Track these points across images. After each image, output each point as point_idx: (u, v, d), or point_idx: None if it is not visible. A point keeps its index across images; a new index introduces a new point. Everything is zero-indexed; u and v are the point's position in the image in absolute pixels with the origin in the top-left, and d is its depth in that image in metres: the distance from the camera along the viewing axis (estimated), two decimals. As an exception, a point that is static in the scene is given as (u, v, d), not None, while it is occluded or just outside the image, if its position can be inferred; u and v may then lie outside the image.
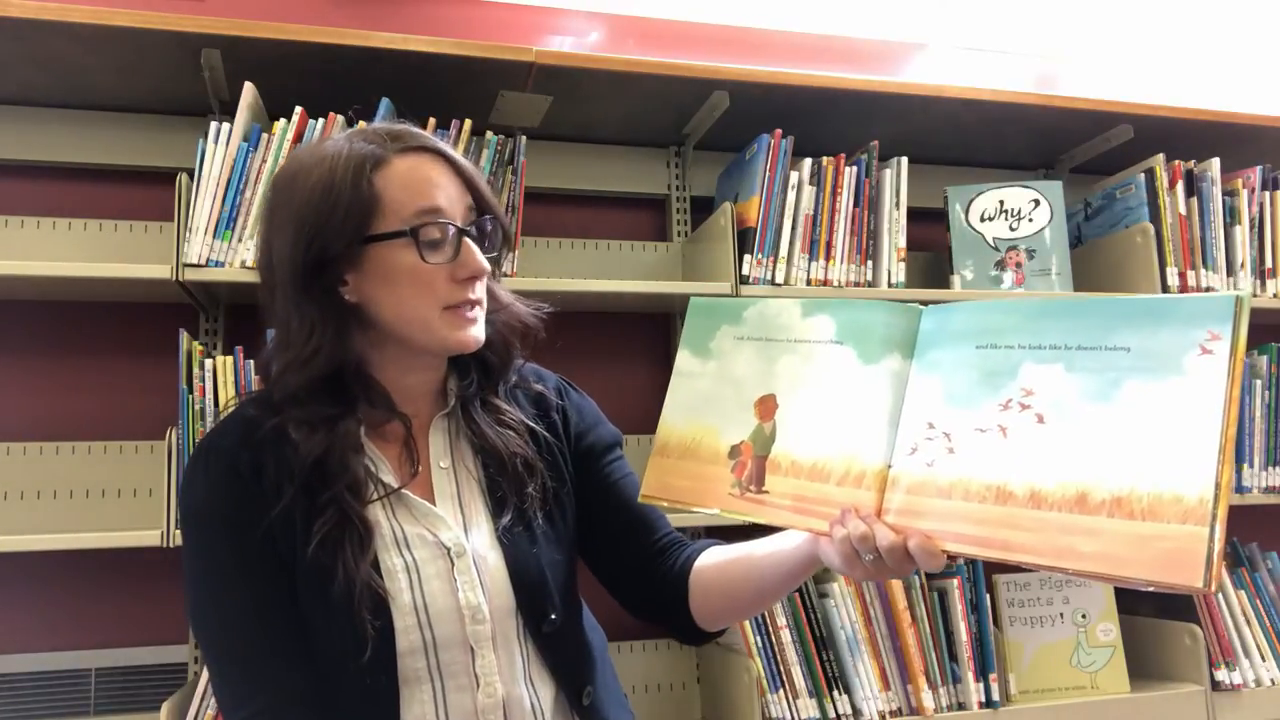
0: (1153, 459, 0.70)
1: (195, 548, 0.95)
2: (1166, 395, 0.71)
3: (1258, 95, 2.45)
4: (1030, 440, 0.77)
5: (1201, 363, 0.70)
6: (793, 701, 1.60)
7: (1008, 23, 2.35)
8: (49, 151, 1.70)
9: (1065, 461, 0.74)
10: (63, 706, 1.60)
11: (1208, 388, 0.69)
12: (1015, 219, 1.93)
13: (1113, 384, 0.74)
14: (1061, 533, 0.73)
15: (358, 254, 0.93)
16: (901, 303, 0.88)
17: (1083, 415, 0.75)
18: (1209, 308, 0.71)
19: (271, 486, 0.93)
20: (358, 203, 0.92)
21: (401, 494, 0.98)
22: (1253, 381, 1.94)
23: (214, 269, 1.48)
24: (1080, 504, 0.73)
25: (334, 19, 1.84)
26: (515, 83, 1.70)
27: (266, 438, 0.94)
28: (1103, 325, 0.76)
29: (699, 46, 2.09)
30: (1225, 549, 0.66)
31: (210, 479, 0.95)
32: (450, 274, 0.95)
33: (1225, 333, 0.70)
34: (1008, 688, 1.71)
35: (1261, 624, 1.85)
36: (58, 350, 1.69)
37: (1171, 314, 0.72)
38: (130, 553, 1.58)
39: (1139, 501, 0.70)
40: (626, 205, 2.02)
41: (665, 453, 0.97)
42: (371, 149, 0.94)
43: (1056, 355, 0.77)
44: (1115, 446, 0.72)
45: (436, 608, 0.94)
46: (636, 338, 1.96)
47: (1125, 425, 0.72)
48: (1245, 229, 1.96)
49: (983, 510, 0.77)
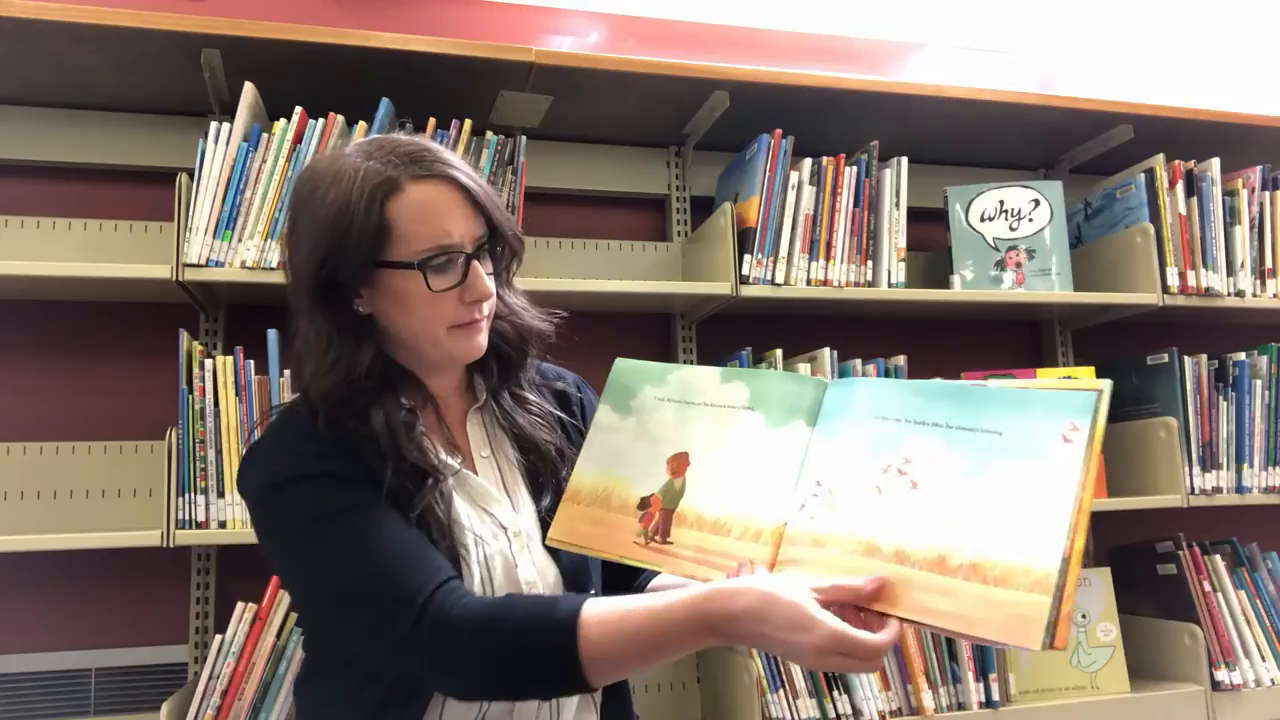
0: (1009, 531, 0.78)
1: (305, 504, 0.94)
2: (1028, 475, 0.79)
3: (1258, 95, 2.45)
4: (903, 503, 0.84)
5: (1061, 450, 0.78)
6: (793, 701, 1.60)
7: (1008, 23, 2.35)
8: (49, 151, 1.70)
9: (931, 526, 0.82)
10: (63, 706, 1.60)
11: (1064, 472, 0.77)
12: (1015, 219, 1.93)
13: (983, 461, 0.81)
14: (921, 590, 0.80)
15: (370, 275, 0.97)
16: (809, 377, 0.99)
17: (953, 486, 0.82)
18: (1072, 402, 0.78)
19: (367, 464, 0.95)
20: (369, 230, 0.94)
21: (462, 474, 1.02)
22: (1253, 382, 1.94)
23: (214, 269, 1.48)
24: (940, 565, 0.80)
25: (334, 19, 1.84)
26: (515, 83, 1.70)
27: (330, 424, 0.96)
28: (982, 410, 0.83)
29: (699, 46, 2.09)
30: (1071, 612, 0.73)
31: (305, 443, 0.96)
32: (458, 296, 0.98)
33: (1085, 424, 0.77)
34: (1008, 688, 1.71)
35: (1261, 624, 1.85)
36: (58, 350, 1.69)
37: (1040, 405, 0.80)
38: (130, 553, 1.58)
39: (993, 569, 0.77)
40: (626, 205, 2.02)
41: (576, 500, 1.01)
42: (387, 174, 0.96)
43: (938, 432, 0.85)
44: (977, 517, 0.80)
45: (499, 583, 0.98)
46: (636, 338, 1.96)
47: (989, 499, 0.80)
48: (1245, 229, 1.96)
49: (852, 562, 0.84)
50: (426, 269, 0.95)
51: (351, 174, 0.96)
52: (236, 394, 1.46)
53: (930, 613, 0.79)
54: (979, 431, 0.83)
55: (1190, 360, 1.93)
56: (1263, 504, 1.91)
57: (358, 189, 0.95)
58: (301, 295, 0.99)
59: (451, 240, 0.96)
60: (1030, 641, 0.73)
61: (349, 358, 0.97)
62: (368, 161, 0.97)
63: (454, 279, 0.97)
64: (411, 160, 0.97)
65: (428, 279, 0.95)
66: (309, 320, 0.99)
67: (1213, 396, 1.93)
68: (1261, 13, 2.56)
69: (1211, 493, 1.89)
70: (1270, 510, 2.00)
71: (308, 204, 0.98)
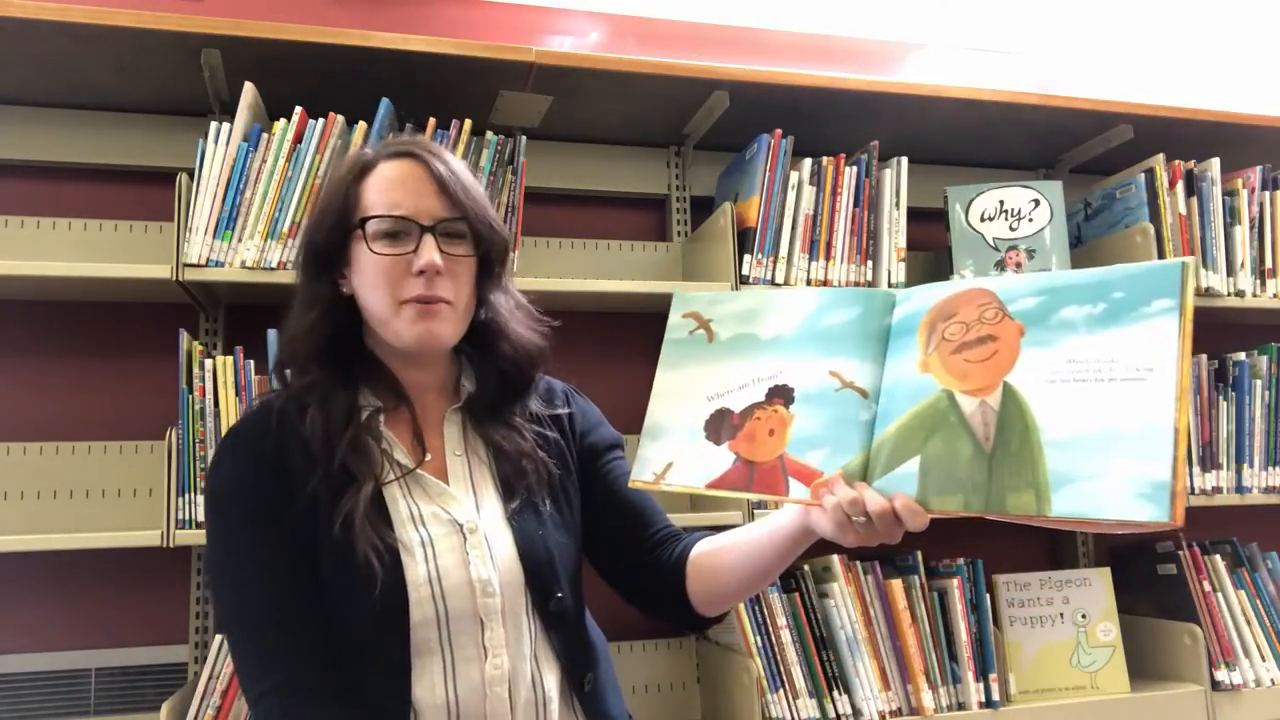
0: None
1: (220, 530, 1.01)
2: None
3: (1258, 95, 2.45)
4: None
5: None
6: (793, 701, 1.60)
7: (1008, 23, 2.35)
8: (49, 151, 1.70)
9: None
10: (63, 706, 1.60)
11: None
12: (1015, 219, 1.93)
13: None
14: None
15: (345, 250, 1.04)
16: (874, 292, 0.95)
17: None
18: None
19: (297, 463, 0.98)
20: (342, 204, 1.03)
21: (417, 474, 1.03)
22: (1253, 382, 1.94)
23: (214, 269, 1.48)
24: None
25: (334, 19, 1.84)
26: (515, 83, 1.70)
27: (285, 416, 1.02)
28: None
29: (699, 46, 2.09)
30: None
31: (237, 464, 1.01)
32: (406, 267, 1.00)
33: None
34: (1008, 688, 1.71)
35: (1261, 624, 1.85)
36: (58, 350, 1.69)
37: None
38: (130, 553, 1.58)
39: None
40: (626, 205, 2.02)
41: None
42: (368, 156, 1.06)
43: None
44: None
45: (450, 581, 0.99)
46: (636, 338, 1.95)
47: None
48: (1245, 229, 1.96)
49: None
50: (365, 229, 1.00)
51: (347, 160, 1.08)
52: (236, 394, 1.46)
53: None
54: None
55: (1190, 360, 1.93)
56: (1263, 504, 1.91)
57: (344, 170, 1.06)
58: (299, 274, 1.07)
59: (402, 210, 1.00)
60: (1157, 513, 0.72)
61: (326, 317, 1.03)
62: (363, 150, 1.09)
63: (402, 248, 1.00)
64: (390, 144, 1.07)
65: (367, 240, 1.00)
66: (301, 292, 1.06)
67: (1213, 396, 1.93)
68: (1261, 13, 2.56)
69: (1211, 493, 1.89)
70: (1270, 510, 2.00)
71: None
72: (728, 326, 1.00)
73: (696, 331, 1.02)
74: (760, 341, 0.97)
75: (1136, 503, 0.73)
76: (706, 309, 1.02)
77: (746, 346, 0.97)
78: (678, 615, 1.11)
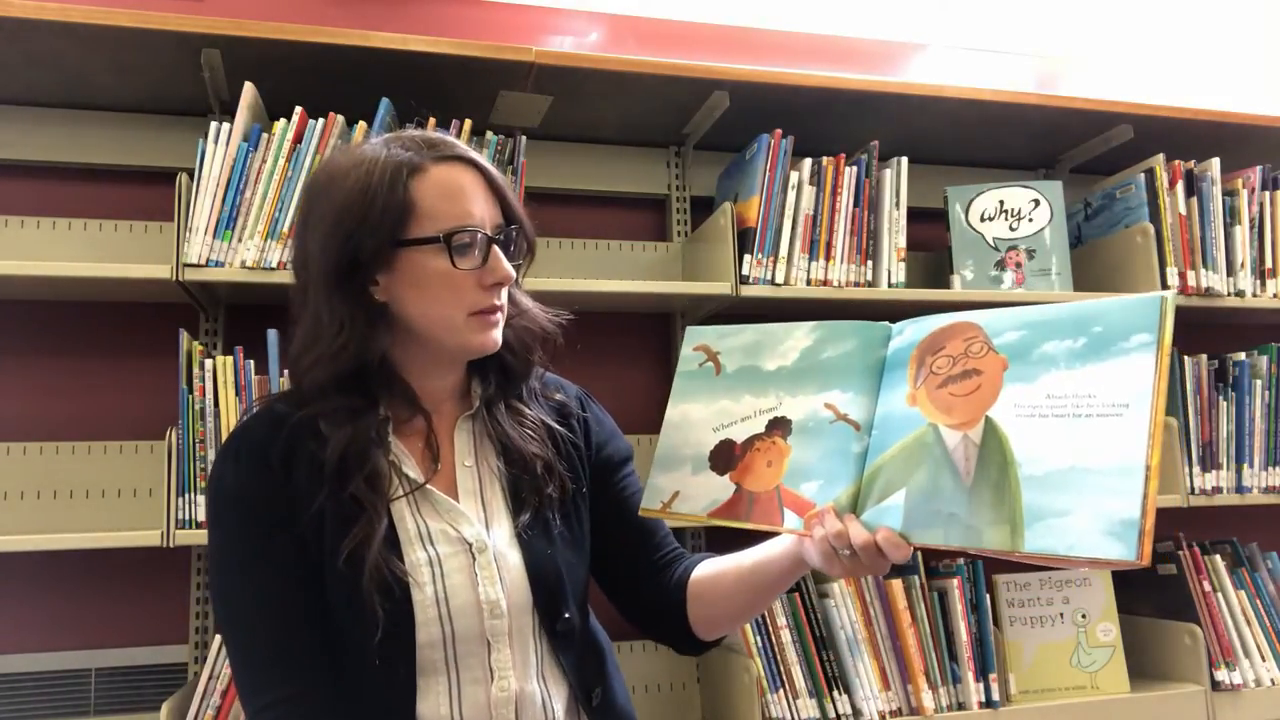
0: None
1: (221, 536, 0.98)
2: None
3: (1258, 95, 2.45)
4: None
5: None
6: (793, 701, 1.60)
7: (1008, 23, 2.35)
8: (49, 151, 1.70)
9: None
10: (63, 706, 1.60)
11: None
12: (1015, 219, 1.93)
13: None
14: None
15: (390, 256, 0.96)
16: (869, 326, 0.96)
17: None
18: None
19: (302, 481, 0.95)
20: (393, 206, 0.95)
21: (426, 489, 1.00)
22: (1253, 382, 1.94)
23: (214, 269, 1.48)
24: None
25: (334, 19, 1.84)
26: (515, 83, 1.70)
27: (297, 431, 0.97)
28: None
29: (699, 46, 2.09)
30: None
31: (240, 469, 0.97)
32: (478, 280, 0.97)
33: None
34: (1008, 688, 1.71)
35: (1261, 624, 1.85)
36: (58, 350, 1.69)
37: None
38: (130, 553, 1.58)
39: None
40: (626, 205, 2.02)
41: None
42: (409, 156, 0.97)
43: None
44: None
45: (457, 602, 0.96)
46: (636, 338, 1.96)
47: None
48: (1245, 229, 1.96)
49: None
50: (451, 243, 0.95)
51: (371, 160, 0.97)
52: (236, 394, 1.46)
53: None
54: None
55: (1190, 360, 1.93)
56: (1263, 504, 1.91)
57: (380, 170, 0.95)
58: (318, 280, 0.97)
59: (474, 220, 0.97)
60: (1124, 551, 0.72)
61: (358, 343, 0.96)
62: (386, 149, 0.98)
63: (476, 261, 0.96)
64: (429, 145, 0.99)
65: (452, 255, 0.95)
66: (325, 303, 0.96)
67: (1213, 396, 1.93)
68: (1261, 13, 2.56)
69: (1211, 493, 1.89)
70: (1270, 510, 2.00)
71: (326, 192, 0.98)
72: (734, 359, 1.02)
73: (706, 364, 1.03)
74: (763, 374, 0.99)
75: (1105, 540, 0.73)
76: (715, 341, 1.04)
77: (750, 379, 1.00)
78: (677, 638, 1.10)
